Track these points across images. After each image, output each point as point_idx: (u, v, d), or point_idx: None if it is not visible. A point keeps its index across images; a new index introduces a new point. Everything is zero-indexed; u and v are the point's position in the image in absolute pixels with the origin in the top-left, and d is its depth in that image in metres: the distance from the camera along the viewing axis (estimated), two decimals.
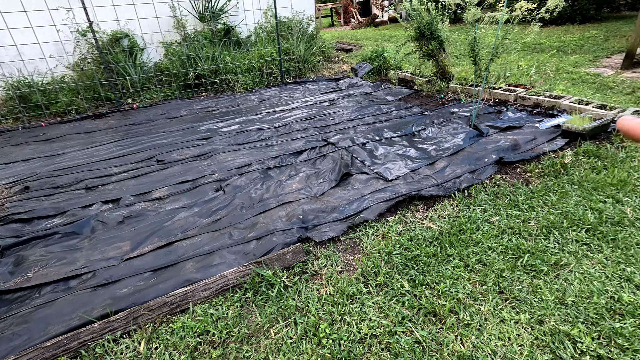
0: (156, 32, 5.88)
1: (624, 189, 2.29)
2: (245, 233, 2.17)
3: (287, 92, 5.39)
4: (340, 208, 2.34)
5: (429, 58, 4.63)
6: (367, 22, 12.89)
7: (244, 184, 2.73)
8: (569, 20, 8.07)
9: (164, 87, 5.64)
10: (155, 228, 2.29)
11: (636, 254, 1.80)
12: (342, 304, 1.69)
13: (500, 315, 1.57)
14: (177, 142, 3.66)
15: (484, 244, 1.96)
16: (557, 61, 5.43)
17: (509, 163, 2.71)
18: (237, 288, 1.80)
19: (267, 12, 6.60)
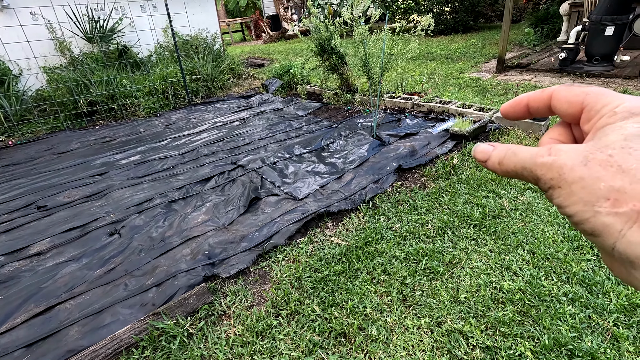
0: (33, 56, 5.19)
1: (501, 183, 2.60)
2: (144, 280, 1.97)
3: (196, 113, 5.15)
4: (249, 236, 2.26)
5: (333, 72, 4.81)
6: (279, 36, 13.05)
7: (143, 223, 2.49)
8: (454, 31, 9.11)
9: (49, 118, 4.97)
10: (32, 292, 1.95)
11: (512, 242, 2.03)
12: (252, 343, 1.60)
13: (404, 324, 1.63)
14: (64, 182, 3.23)
15: (388, 253, 2.04)
16: (446, 68, 6.06)
17: (408, 169, 2.90)
18: (132, 348, 1.60)
19: (166, 31, 6.26)
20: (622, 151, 0.23)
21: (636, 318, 1.52)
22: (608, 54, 4.64)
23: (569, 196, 0.24)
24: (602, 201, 0.22)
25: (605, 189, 0.22)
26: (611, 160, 0.23)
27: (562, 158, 0.24)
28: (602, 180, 0.22)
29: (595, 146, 0.24)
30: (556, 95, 0.29)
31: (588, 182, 0.23)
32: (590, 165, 0.23)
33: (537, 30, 7.36)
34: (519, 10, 9.58)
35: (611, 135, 0.24)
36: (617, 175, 0.22)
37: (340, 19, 4.07)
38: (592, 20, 4.55)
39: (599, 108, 0.26)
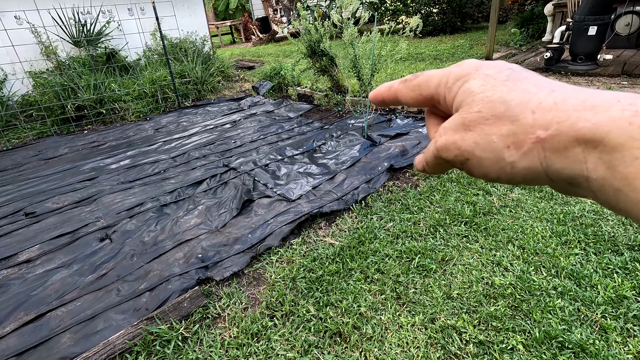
0: (18, 61, 5.10)
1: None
2: (136, 285, 1.95)
3: (186, 117, 5.12)
4: (243, 238, 2.26)
5: (323, 73, 4.83)
6: (268, 39, 13.04)
7: (135, 228, 2.46)
8: (442, 32, 9.21)
9: (36, 124, 4.89)
10: (21, 299, 1.92)
11: (503, 238, 2.06)
12: (248, 345, 1.60)
13: (398, 322, 1.65)
14: (52, 188, 3.18)
15: (381, 252, 2.06)
16: (435, 68, 6.11)
17: (399, 169, 2.93)
18: (126, 354, 1.59)
19: (155, 34, 6.21)
20: (483, 103, 0.24)
21: (623, 309, 1.56)
22: (592, 53, 4.75)
23: (481, 163, 0.25)
24: (505, 152, 0.23)
25: (499, 139, 0.23)
26: (483, 114, 0.24)
27: (449, 134, 0.26)
28: (491, 134, 0.24)
29: (464, 112, 0.25)
30: (399, 94, 0.31)
31: (483, 144, 0.24)
32: (473, 127, 0.24)
33: (522, 30, 7.50)
34: (505, 11, 9.74)
35: (465, 99, 0.25)
36: (497, 123, 0.23)
37: (329, 21, 4.09)
38: (576, 20, 4.66)
39: (436, 91, 0.28)
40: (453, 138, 0.25)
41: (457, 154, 0.25)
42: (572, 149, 0.21)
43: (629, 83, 4.35)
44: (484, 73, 0.25)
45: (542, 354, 1.42)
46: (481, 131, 0.24)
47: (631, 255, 1.84)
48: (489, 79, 0.25)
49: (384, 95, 0.33)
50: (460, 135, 0.25)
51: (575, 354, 1.42)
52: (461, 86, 0.26)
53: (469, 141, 0.24)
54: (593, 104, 0.21)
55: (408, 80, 0.31)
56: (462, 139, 0.25)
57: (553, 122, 0.21)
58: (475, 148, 0.24)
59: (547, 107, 0.22)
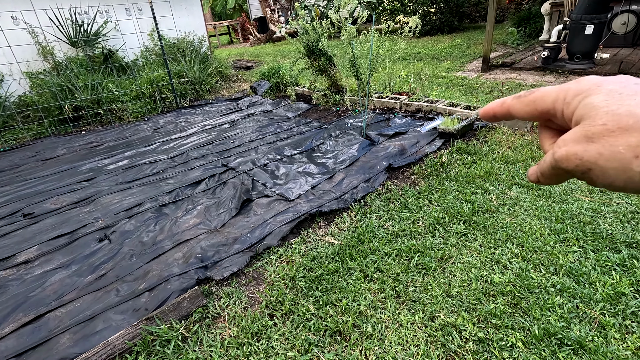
0: (15, 62, 5.08)
1: (489, 179, 2.65)
2: (136, 285, 1.95)
3: (184, 117, 5.11)
4: (242, 238, 2.26)
5: (321, 73, 4.83)
6: (266, 38, 13.03)
7: (133, 228, 2.46)
8: (439, 31, 9.23)
9: (33, 124, 4.87)
10: (20, 300, 1.91)
11: (502, 236, 2.07)
12: (248, 344, 1.60)
13: (398, 320, 1.65)
14: (50, 189, 3.17)
15: (380, 250, 2.06)
16: (433, 68, 6.14)
17: (398, 168, 2.93)
18: (126, 354, 1.58)
19: (152, 35, 6.20)
20: (608, 116, 0.24)
21: (621, 306, 1.57)
22: (589, 51, 4.77)
23: (605, 173, 0.25)
24: (634, 161, 0.23)
25: (627, 150, 0.24)
26: (608, 126, 0.24)
27: (570, 145, 0.26)
28: (618, 144, 0.24)
29: (586, 125, 0.26)
30: (512, 109, 0.32)
31: (607, 154, 0.24)
32: (596, 139, 0.25)
33: (520, 29, 7.52)
34: (502, 11, 9.77)
35: (587, 113, 0.26)
36: (625, 135, 0.23)
37: (327, 20, 4.09)
38: (573, 19, 4.68)
39: (553, 106, 0.29)
40: (574, 149, 0.26)
41: (578, 164, 0.26)
42: None
43: None
44: (607, 88, 0.26)
45: (542, 351, 1.43)
46: (606, 142, 0.24)
47: (629, 252, 1.85)
48: (613, 93, 0.25)
49: (495, 111, 0.33)
50: (582, 147, 0.25)
51: (575, 350, 1.43)
52: (581, 101, 0.26)
53: (592, 152, 0.25)
54: None
55: (522, 96, 0.31)
56: (584, 150, 0.25)
57: None
58: (599, 158, 0.25)
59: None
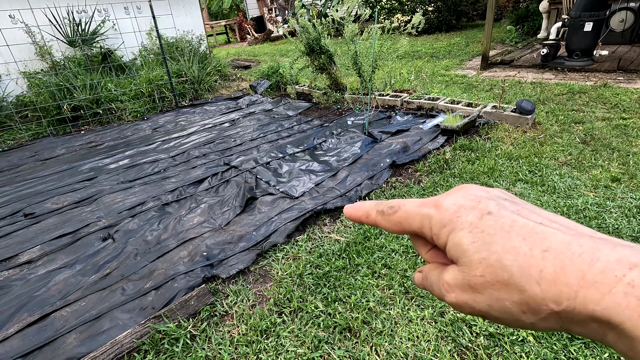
0: (12, 61, 5.03)
1: (493, 175, 2.65)
2: (141, 284, 1.93)
3: (184, 116, 5.08)
4: (247, 236, 2.24)
5: (321, 71, 4.82)
6: (264, 38, 13.00)
7: (137, 227, 2.44)
8: (437, 30, 9.25)
9: (31, 124, 4.83)
10: (24, 300, 1.89)
11: None
12: (257, 342, 1.59)
13: (408, 316, 1.64)
14: (51, 189, 3.14)
15: (387, 247, 2.06)
16: (432, 66, 6.15)
17: (401, 165, 2.93)
18: (134, 353, 1.57)
19: (150, 34, 6.16)
20: (482, 267, 0.24)
21: None
22: (588, 49, 4.79)
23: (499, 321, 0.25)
24: (522, 316, 0.24)
25: (513, 306, 0.24)
26: (487, 278, 0.24)
27: (458, 293, 0.26)
28: (503, 299, 0.24)
29: (466, 274, 0.25)
30: (379, 224, 0.31)
31: (497, 307, 0.24)
32: (481, 290, 0.25)
33: (518, 27, 7.55)
34: (500, 9, 9.80)
35: (460, 257, 0.26)
36: (505, 289, 0.24)
37: (329, 18, 4.08)
38: (572, 16, 4.70)
39: (421, 231, 0.29)
40: (464, 298, 0.26)
41: (472, 312, 0.26)
42: (589, 324, 0.22)
43: (625, 78, 4.39)
44: (467, 221, 0.26)
45: (553, 345, 1.43)
46: (491, 295, 0.24)
47: None
48: (476, 231, 0.25)
49: (361, 220, 0.33)
50: (470, 297, 0.25)
51: (586, 344, 1.43)
52: (449, 235, 0.26)
53: (482, 304, 0.25)
54: (594, 280, 0.21)
55: (386, 213, 0.30)
56: (473, 300, 0.25)
57: (562, 298, 0.22)
58: (490, 310, 0.25)
59: (550, 278, 0.22)
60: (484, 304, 0.25)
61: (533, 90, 4.35)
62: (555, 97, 4.06)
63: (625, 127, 3.14)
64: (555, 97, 4.06)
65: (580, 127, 3.28)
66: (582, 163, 2.69)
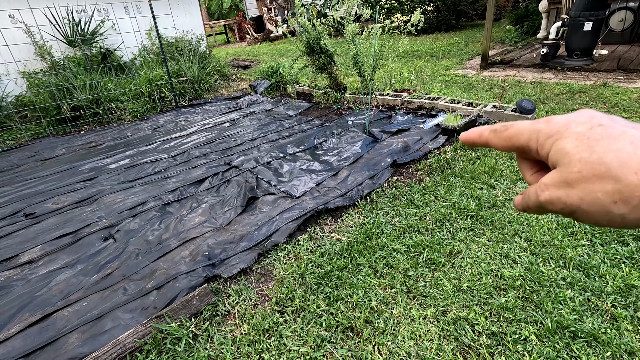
0: (12, 61, 5.02)
1: (494, 175, 2.65)
2: (143, 284, 1.93)
3: (184, 116, 5.08)
4: (249, 235, 2.24)
5: (321, 71, 4.82)
6: (263, 38, 12.99)
7: (138, 227, 2.44)
8: (437, 30, 9.25)
9: (31, 124, 4.82)
10: (26, 300, 1.89)
11: (509, 231, 2.07)
12: (259, 341, 1.59)
13: (410, 315, 1.64)
14: (51, 189, 3.13)
15: (389, 246, 2.06)
16: (432, 66, 6.15)
17: (402, 164, 2.93)
18: (137, 352, 1.57)
19: (150, 33, 6.15)
20: (581, 164, 0.25)
21: (632, 298, 1.58)
22: (587, 48, 4.80)
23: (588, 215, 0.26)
24: (613, 206, 0.24)
25: (605, 196, 0.25)
26: (584, 174, 0.25)
27: (552, 190, 0.27)
28: (596, 190, 0.25)
29: (563, 172, 0.27)
30: (490, 142, 0.33)
31: (588, 199, 0.25)
32: (576, 185, 0.26)
33: (517, 27, 7.55)
34: (499, 9, 9.81)
35: (561, 159, 0.27)
36: (600, 182, 0.25)
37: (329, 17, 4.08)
38: (571, 16, 4.70)
39: (527, 144, 0.30)
40: (557, 194, 0.27)
41: (562, 208, 0.27)
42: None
43: (624, 77, 4.40)
44: (575, 131, 0.27)
45: (555, 344, 1.43)
46: (585, 188, 0.25)
47: (637, 245, 1.86)
48: (582, 137, 0.26)
49: (474, 140, 0.35)
50: (564, 192, 0.26)
51: (588, 342, 1.43)
52: (553, 144, 0.27)
53: (574, 197, 0.26)
54: None
55: (498, 130, 0.32)
56: (566, 195, 0.26)
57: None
58: (581, 203, 0.26)
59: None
60: (575, 197, 0.26)
61: (533, 89, 4.36)
62: (555, 96, 4.06)
63: None
64: (555, 96, 4.06)
65: None
66: None
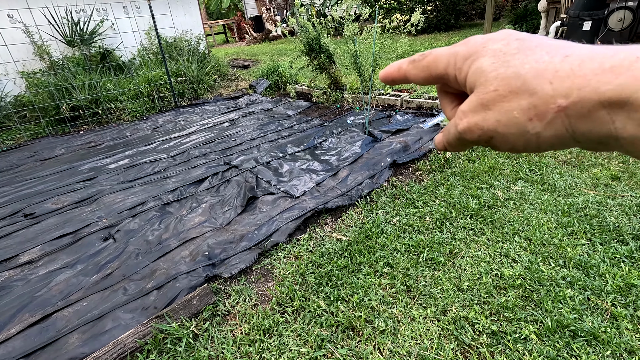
0: (11, 61, 5.01)
1: (493, 174, 2.66)
2: (143, 284, 1.92)
3: (183, 115, 5.07)
4: (249, 235, 2.24)
5: (321, 71, 4.81)
6: (262, 38, 12.99)
7: (138, 227, 2.43)
8: (436, 29, 9.25)
9: (30, 124, 4.81)
10: (25, 301, 1.88)
11: (509, 230, 2.08)
12: (260, 341, 1.59)
13: (410, 314, 1.65)
14: (51, 189, 3.13)
15: (389, 246, 2.06)
16: None
17: (402, 164, 2.93)
18: (137, 352, 1.57)
19: (149, 33, 6.14)
20: (497, 81, 0.24)
21: (632, 297, 1.58)
22: None
23: (506, 139, 0.25)
24: (529, 124, 0.23)
25: (520, 113, 0.23)
26: (500, 91, 0.24)
27: (470, 116, 0.26)
28: (512, 109, 0.23)
29: (480, 93, 0.25)
30: (408, 75, 0.31)
31: (504, 120, 0.24)
32: (492, 106, 0.24)
33: (516, 27, 7.55)
34: (498, 8, 9.81)
35: (478, 79, 0.25)
36: (516, 98, 0.23)
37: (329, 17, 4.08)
38: (571, 15, 4.71)
39: (445, 71, 0.28)
40: (474, 119, 0.25)
41: (480, 134, 0.26)
42: (597, 112, 0.21)
43: None
44: (492, 49, 0.25)
45: (556, 343, 1.43)
46: (501, 108, 0.24)
47: (637, 244, 1.86)
48: (499, 54, 0.24)
49: (393, 76, 0.32)
50: (480, 116, 0.25)
51: (588, 342, 1.43)
52: (470, 65, 0.26)
53: (491, 120, 0.24)
54: (612, 65, 0.20)
55: (417, 60, 0.30)
56: (483, 120, 0.25)
57: (573, 89, 0.21)
58: (498, 126, 0.24)
59: (564, 74, 0.21)
60: (492, 120, 0.24)
61: None
62: None
63: None
64: None
65: None
66: (582, 162, 2.70)
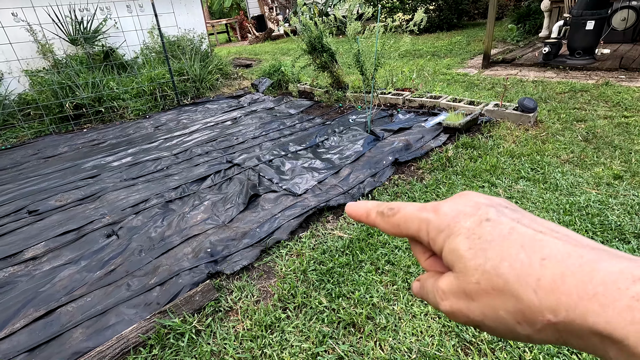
0: (14, 59, 5.04)
1: (495, 173, 2.66)
2: (146, 280, 1.94)
3: (186, 114, 5.09)
4: (251, 232, 2.25)
5: (323, 70, 4.82)
6: (264, 37, 13.00)
7: (141, 224, 2.45)
8: (438, 29, 9.25)
9: (33, 123, 4.84)
10: (30, 296, 1.90)
11: None
12: (262, 337, 1.60)
13: (411, 311, 1.65)
14: (54, 186, 3.15)
15: (390, 243, 2.07)
16: (434, 65, 6.15)
17: (404, 162, 2.94)
18: (140, 347, 1.58)
19: (152, 32, 6.16)
20: (478, 274, 0.24)
21: None
22: (589, 47, 4.80)
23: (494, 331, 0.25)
24: (517, 327, 0.23)
25: (507, 315, 0.23)
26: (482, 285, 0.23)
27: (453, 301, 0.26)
28: (497, 307, 0.23)
29: (461, 281, 0.25)
30: (378, 225, 0.31)
31: (491, 316, 0.24)
32: (476, 298, 0.24)
33: (519, 26, 7.54)
34: (501, 8, 9.79)
35: (456, 263, 0.25)
36: (501, 297, 0.23)
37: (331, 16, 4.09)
38: (574, 15, 4.70)
39: (418, 234, 0.28)
40: (458, 306, 0.25)
41: (466, 321, 0.25)
42: (589, 338, 0.20)
43: (627, 76, 4.39)
44: (465, 227, 0.25)
45: None
46: (486, 303, 0.23)
47: (638, 243, 1.86)
48: (473, 237, 0.25)
49: (361, 219, 0.32)
50: (464, 304, 0.25)
51: None
52: (446, 241, 0.26)
53: (476, 312, 0.24)
54: (595, 291, 0.20)
55: (385, 214, 0.30)
56: (467, 309, 0.25)
57: (561, 308, 0.21)
58: (485, 319, 0.24)
59: (548, 286, 0.21)
60: (478, 312, 0.24)
61: (535, 88, 4.36)
62: (557, 95, 4.06)
63: (627, 125, 3.15)
64: (557, 95, 4.06)
65: (582, 125, 3.28)
66: (584, 161, 2.70)
